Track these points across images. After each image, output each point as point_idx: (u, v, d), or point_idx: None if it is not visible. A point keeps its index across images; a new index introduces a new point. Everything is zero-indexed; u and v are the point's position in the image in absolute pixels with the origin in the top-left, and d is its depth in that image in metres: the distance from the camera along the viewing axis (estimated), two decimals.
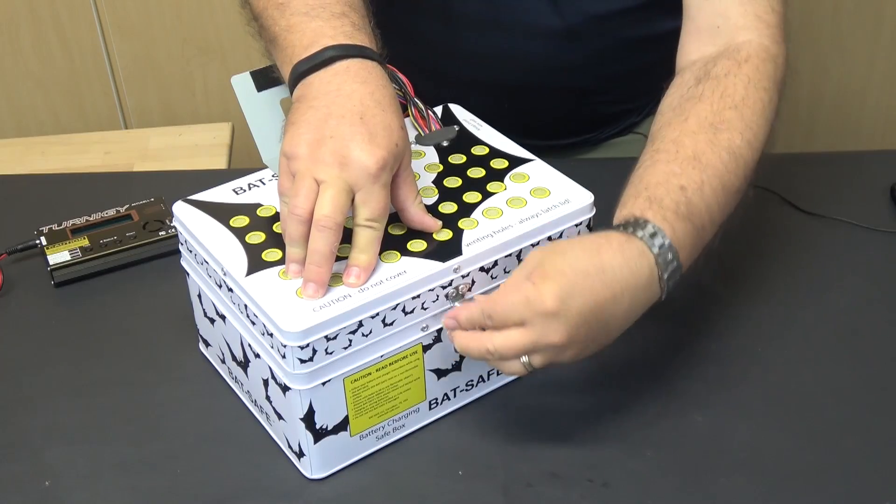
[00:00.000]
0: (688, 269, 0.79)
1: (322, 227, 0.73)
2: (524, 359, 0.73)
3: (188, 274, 0.85)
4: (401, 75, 0.90)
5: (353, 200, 0.75)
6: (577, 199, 0.82)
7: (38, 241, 1.00)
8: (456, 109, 0.94)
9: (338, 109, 0.76)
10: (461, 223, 0.80)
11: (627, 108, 1.17)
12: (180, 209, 0.83)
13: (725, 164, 0.81)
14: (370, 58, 0.80)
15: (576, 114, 1.15)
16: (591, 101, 1.13)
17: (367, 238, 0.74)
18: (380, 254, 0.76)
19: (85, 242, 1.00)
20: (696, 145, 0.82)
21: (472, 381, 0.83)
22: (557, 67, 1.08)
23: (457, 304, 0.78)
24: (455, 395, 0.83)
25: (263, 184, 0.85)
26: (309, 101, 0.77)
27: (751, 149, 0.84)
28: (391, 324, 0.75)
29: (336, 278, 0.75)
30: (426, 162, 0.87)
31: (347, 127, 0.75)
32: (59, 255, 0.98)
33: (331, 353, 0.73)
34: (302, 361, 0.72)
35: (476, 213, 0.81)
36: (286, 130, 0.77)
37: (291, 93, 0.81)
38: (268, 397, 0.78)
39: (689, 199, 0.78)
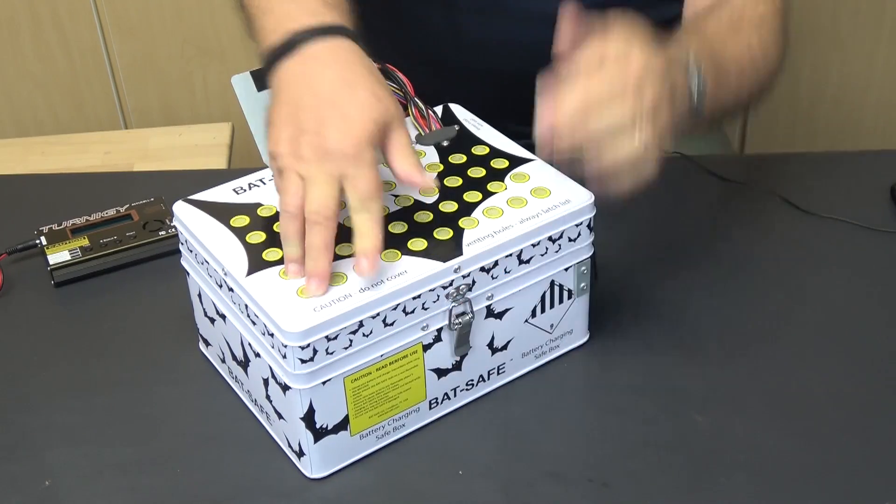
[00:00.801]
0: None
1: (314, 223, 0.73)
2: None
3: (188, 274, 0.85)
4: (400, 75, 0.90)
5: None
6: (577, 199, 0.82)
7: (38, 241, 1.00)
8: (456, 109, 0.94)
9: (308, 101, 0.75)
10: (461, 223, 0.80)
11: None
12: (180, 209, 0.83)
13: (736, 41, 0.91)
14: (339, 34, 0.79)
15: None
16: None
17: (364, 221, 0.73)
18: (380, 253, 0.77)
19: (85, 242, 1.00)
20: (711, 27, 0.91)
21: (472, 380, 0.83)
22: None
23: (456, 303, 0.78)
24: (455, 395, 0.83)
25: (264, 183, 0.85)
26: (280, 97, 0.77)
27: (762, 49, 0.93)
28: (392, 324, 0.75)
29: (338, 277, 0.75)
30: (426, 161, 0.87)
31: (320, 116, 0.74)
32: (59, 255, 0.98)
33: (331, 353, 0.73)
34: (302, 361, 0.72)
35: (476, 213, 0.81)
36: (268, 130, 0.77)
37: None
38: (268, 397, 0.79)
39: (705, 37, 0.88)
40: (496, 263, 0.79)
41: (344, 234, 0.79)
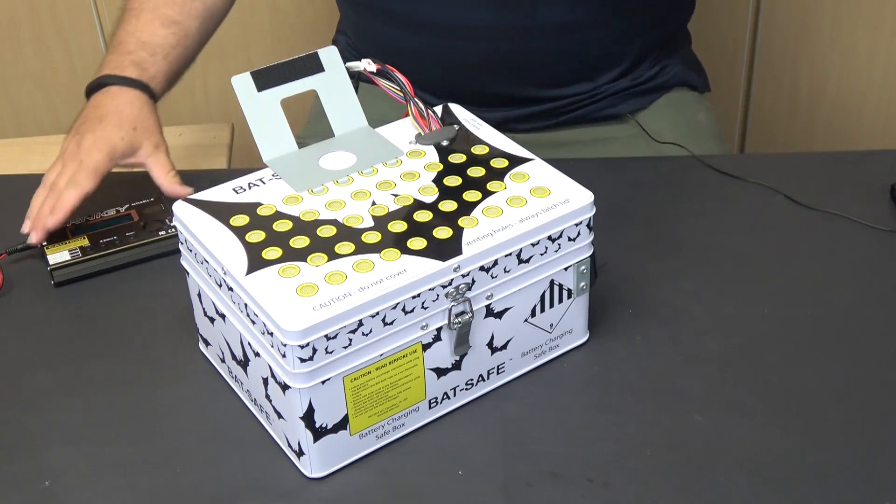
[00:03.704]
0: None
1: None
2: None
3: (188, 273, 0.85)
4: (400, 75, 0.90)
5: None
6: (577, 198, 0.82)
7: None
8: (456, 109, 0.94)
9: (82, 123, 1.07)
10: (461, 222, 0.80)
11: (620, 50, 1.18)
12: (180, 208, 0.83)
13: None
14: (126, 86, 1.08)
15: (569, 52, 1.15)
16: (582, 37, 1.14)
17: (65, 200, 1.00)
18: (379, 252, 0.77)
19: (85, 242, 1.00)
20: None
21: (471, 380, 0.83)
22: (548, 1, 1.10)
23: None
24: (455, 395, 0.83)
25: (263, 183, 0.85)
26: (81, 114, 1.09)
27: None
28: (391, 323, 0.75)
29: (340, 275, 0.75)
30: (426, 161, 0.87)
31: (80, 133, 1.06)
32: (58, 255, 0.98)
33: (331, 353, 0.73)
34: (302, 360, 0.72)
35: (476, 212, 0.81)
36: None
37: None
38: (267, 396, 0.78)
39: None
40: (496, 263, 0.79)
41: (343, 234, 0.79)
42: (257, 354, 0.77)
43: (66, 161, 1.04)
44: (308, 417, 0.75)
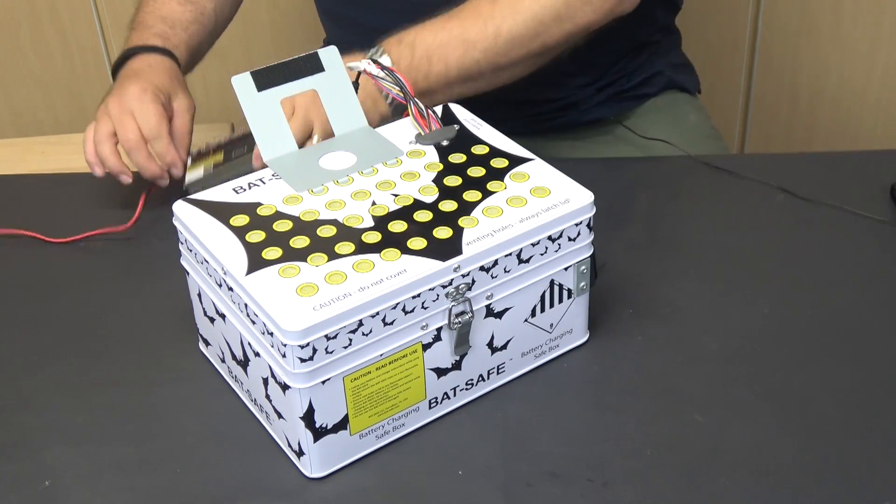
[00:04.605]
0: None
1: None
2: None
3: (188, 273, 0.85)
4: (400, 75, 0.90)
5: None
6: (577, 198, 0.82)
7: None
8: (456, 109, 0.94)
9: (118, 86, 1.10)
10: (461, 222, 0.80)
11: (586, 55, 1.16)
12: (180, 208, 0.83)
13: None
14: (153, 52, 1.13)
15: None
16: None
17: (158, 147, 1.05)
18: (379, 252, 0.77)
19: (219, 158, 1.06)
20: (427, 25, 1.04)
21: (471, 380, 0.83)
22: None
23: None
24: (455, 395, 0.83)
25: (263, 183, 0.85)
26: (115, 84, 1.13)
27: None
28: (391, 323, 0.75)
29: (340, 275, 0.75)
30: (426, 161, 0.87)
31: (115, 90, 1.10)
32: (195, 173, 1.06)
33: (331, 353, 0.73)
34: (302, 360, 0.72)
35: (476, 212, 0.81)
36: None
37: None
38: (267, 396, 0.79)
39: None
40: (496, 263, 0.79)
41: (343, 234, 0.79)
42: (257, 354, 0.77)
43: (120, 118, 1.05)
44: (308, 417, 0.75)
